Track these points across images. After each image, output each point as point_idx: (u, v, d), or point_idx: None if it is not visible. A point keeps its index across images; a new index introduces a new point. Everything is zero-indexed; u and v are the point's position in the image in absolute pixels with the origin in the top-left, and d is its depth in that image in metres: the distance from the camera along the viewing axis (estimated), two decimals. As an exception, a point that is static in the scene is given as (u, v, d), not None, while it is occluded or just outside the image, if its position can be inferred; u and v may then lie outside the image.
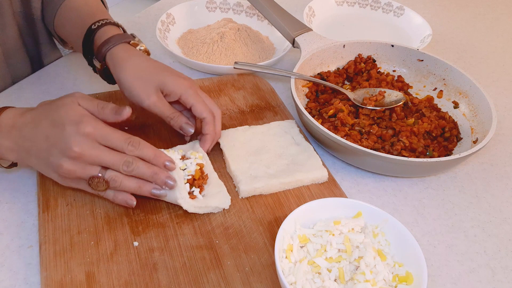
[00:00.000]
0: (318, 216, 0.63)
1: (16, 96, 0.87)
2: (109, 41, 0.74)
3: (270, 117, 0.86)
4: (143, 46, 0.79)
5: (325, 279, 0.56)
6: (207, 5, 1.12)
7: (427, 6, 1.32)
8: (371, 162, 0.75)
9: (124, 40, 0.75)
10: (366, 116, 0.83)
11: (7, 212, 0.68)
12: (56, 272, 0.59)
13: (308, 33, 0.95)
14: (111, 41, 0.74)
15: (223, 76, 0.95)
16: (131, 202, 0.64)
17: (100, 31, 0.77)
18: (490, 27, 1.27)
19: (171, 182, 0.64)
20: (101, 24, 0.77)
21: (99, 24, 0.77)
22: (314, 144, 0.82)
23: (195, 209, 0.66)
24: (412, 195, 0.76)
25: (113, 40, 0.74)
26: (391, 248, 0.61)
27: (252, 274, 0.61)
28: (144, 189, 0.64)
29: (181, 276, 0.60)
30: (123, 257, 0.62)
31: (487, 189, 0.79)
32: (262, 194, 0.72)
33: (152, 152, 0.64)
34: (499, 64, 1.12)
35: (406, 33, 1.14)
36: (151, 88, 0.71)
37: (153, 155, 0.64)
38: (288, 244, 0.59)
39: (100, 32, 0.76)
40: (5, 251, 0.63)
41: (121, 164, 0.61)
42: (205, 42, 1.00)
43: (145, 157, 0.63)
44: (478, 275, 0.66)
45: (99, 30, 0.77)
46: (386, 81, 0.91)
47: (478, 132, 0.81)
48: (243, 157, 0.75)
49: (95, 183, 0.62)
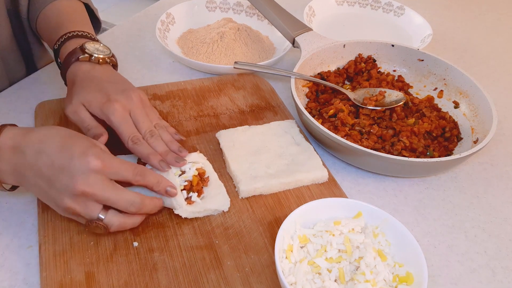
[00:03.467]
0: (318, 216, 0.63)
1: (15, 96, 0.87)
2: (63, 65, 0.74)
3: (270, 117, 0.86)
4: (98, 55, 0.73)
5: (325, 279, 0.56)
6: (207, 4, 1.12)
7: (428, 6, 1.32)
8: (372, 162, 0.75)
9: (73, 59, 0.72)
10: (367, 116, 0.83)
11: (6, 212, 0.68)
12: (56, 273, 0.59)
13: (308, 32, 0.95)
14: (64, 65, 0.74)
15: (223, 76, 0.95)
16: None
17: (61, 51, 0.76)
18: (491, 27, 1.27)
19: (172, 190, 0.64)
20: (60, 42, 0.76)
21: (59, 43, 0.76)
22: (314, 144, 0.82)
23: (194, 214, 0.66)
24: (412, 195, 0.76)
25: (65, 63, 0.73)
26: (391, 249, 0.61)
27: (252, 274, 0.61)
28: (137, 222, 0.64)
29: (181, 276, 0.60)
30: (123, 257, 0.62)
31: (488, 189, 0.79)
32: (262, 194, 0.72)
33: (156, 179, 0.63)
34: (499, 64, 1.11)
35: (406, 32, 1.14)
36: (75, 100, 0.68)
37: (156, 182, 0.63)
38: (288, 244, 0.59)
39: (61, 53, 0.76)
40: (5, 251, 0.63)
41: (128, 206, 0.60)
42: (205, 42, 1.00)
43: (148, 184, 0.63)
44: (478, 275, 0.66)
45: (60, 50, 0.76)
46: (386, 81, 0.91)
47: (479, 132, 0.81)
48: (243, 157, 0.75)
49: (93, 227, 0.60)
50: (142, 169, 0.63)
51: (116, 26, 1.11)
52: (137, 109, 0.69)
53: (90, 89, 0.69)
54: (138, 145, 0.66)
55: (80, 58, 0.72)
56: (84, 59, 0.72)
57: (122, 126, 0.66)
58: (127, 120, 0.67)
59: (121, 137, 0.67)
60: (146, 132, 0.68)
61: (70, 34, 0.76)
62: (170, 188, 0.64)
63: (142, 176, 0.62)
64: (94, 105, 0.67)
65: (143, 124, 0.68)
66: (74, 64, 0.72)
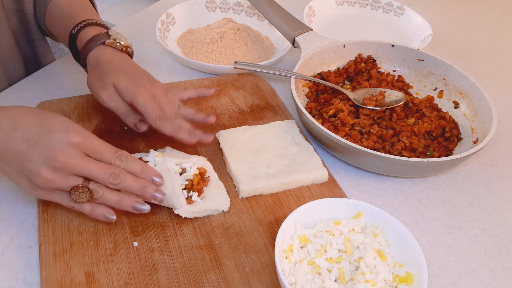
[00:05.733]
0: (318, 216, 0.63)
1: (15, 96, 0.87)
2: (85, 47, 0.75)
3: (270, 117, 0.86)
4: (121, 42, 0.76)
5: (325, 279, 0.56)
6: (207, 5, 1.12)
7: (428, 6, 1.32)
8: (371, 162, 0.75)
9: (99, 42, 0.74)
10: (367, 116, 0.83)
11: (6, 212, 0.68)
12: (56, 273, 0.59)
13: (308, 32, 0.95)
14: (86, 47, 0.75)
15: (223, 76, 0.95)
16: (111, 216, 0.61)
17: (80, 35, 0.77)
18: (491, 27, 1.27)
19: (160, 196, 0.62)
20: (79, 27, 0.77)
21: (78, 28, 0.77)
22: (314, 144, 0.82)
23: (194, 214, 0.66)
24: (412, 195, 0.76)
25: (88, 45, 0.75)
26: (391, 249, 0.61)
27: (252, 274, 0.61)
28: (125, 203, 0.61)
29: (181, 276, 0.60)
30: (123, 257, 0.62)
31: (488, 189, 0.79)
32: (262, 194, 0.72)
33: (140, 166, 0.61)
34: (499, 64, 1.11)
35: (406, 33, 1.14)
36: (107, 84, 0.71)
37: (140, 169, 0.61)
38: (288, 244, 0.59)
39: (80, 37, 0.77)
40: (5, 251, 0.63)
41: (107, 176, 0.58)
42: (205, 42, 1.00)
43: (132, 171, 0.61)
44: (478, 275, 0.66)
45: (79, 35, 0.77)
46: (386, 81, 0.91)
47: (479, 132, 0.81)
48: (243, 157, 0.75)
49: (78, 193, 0.59)
50: (125, 153, 0.61)
51: (116, 26, 1.11)
52: (162, 95, 0.72)
53: (120, 73, 0.72)
54: (165, 122, 0.69)
55: (106, 42, 0.74)
56: (110, 44, 0.75)
57: (149, 106, 0.69)
58: (153, 103, 0.70)
59: (147, 117, 0.69)
60: (171, 115, 0.70)
61: (90, 21, 0.78)
62: (157, 177, 0.62)
63: (124, 160, 0.60)
64: (124, 88, 0.70)
65: (167, 108, 0.71)
66: (98, 47, 0.74)
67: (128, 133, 0.79)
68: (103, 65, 0.73)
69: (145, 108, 0.69)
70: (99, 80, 0.72)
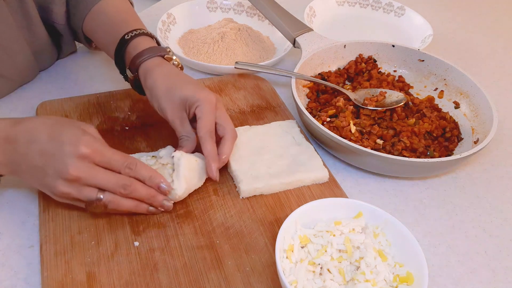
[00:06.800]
0: (318, 216, 0.63)
1: (17, 96, 0.87)
2: (143, 53, 0.74)
3: (271, 117, 0.86)
4: (177, 61, 0.77)
5: (326, 279, 0.56)
6: (208, 5, 1.12)
7: (428, 6, 1.32)
8: (372, 162, 0.75)
9: (158, 53, 0.74)
10: (367, 116, 0.83)
11: (8, 211, 0.68)
12: (57, 272, 0.59)
13: (308, 33, 0.95)
14: (144, 54, 0.73)
15: (223, 76, 0.95)
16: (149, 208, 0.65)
17: (134, 41, 0.76)
18: (491, 27, 1.27)
19: (168, 204, 0.65)
20: (134, 34, 0.76)
21: (132, 34, 0.76)
22: (315, 144, 0.82)
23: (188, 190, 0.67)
24: (413, 196, 0.76)
25: (147, 53, 0.74)
26: (391, 249, 0.61)
27: (253, 274, 0.61)
28: (141, 208, 0.64)
29: (182, 276, 0.60)
30: (124, 257, 0.62)
31: (488, 190, 0.79)
32: (263, 194, 0.72)
33: (148, 174, 0.63)
34: (500, 64, 1.11)
35: (407, 33, 1.14)
36: (177, 104, 0.70)
37: (148, 177, 0.63)
38: (288, 244, 0.59)
39: (134, 43, 0.75)
40: (6, 251, 0.63)
41: (118, 187, 0.61)
42: (205, 42, 1.00)
43: (141, 178, 0.63)
44: (479, 275, 0.66)
45: (133, 41, 0.76)
46: (387, 82, 0.91)
47: (479, 132, 0.81)
48: (244, 157, 0.75)
49: (93, 207, 0.61)
50: (134, 161, 0.62)
51: (117, 26, 1.11)
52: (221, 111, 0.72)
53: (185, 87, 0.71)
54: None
55: (165, 56, 0.75)
56: (169, 59, 0.76)
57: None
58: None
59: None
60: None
61: (142, 31, 0.77)
62: (164, 184, 0.64)
63: (133, 169, 0.62)
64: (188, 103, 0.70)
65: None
66: (156, 58, 0.74)
67: (129, 133, 0.79)
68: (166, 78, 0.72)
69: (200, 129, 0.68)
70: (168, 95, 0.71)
